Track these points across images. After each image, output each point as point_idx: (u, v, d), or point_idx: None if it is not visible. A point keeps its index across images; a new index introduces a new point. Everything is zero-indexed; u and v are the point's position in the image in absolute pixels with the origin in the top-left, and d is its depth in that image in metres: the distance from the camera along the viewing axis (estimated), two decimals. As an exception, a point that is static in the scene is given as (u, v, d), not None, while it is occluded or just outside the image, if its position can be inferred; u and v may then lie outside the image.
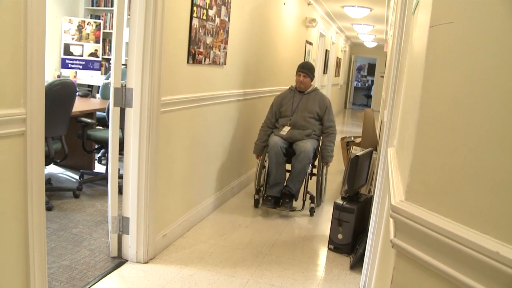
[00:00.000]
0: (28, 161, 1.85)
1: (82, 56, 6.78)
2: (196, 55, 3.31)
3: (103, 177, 4.50)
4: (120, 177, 2.97)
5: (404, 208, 1.04)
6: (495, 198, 0.88)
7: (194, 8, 3.15)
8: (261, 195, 4.32)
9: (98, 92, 5.95)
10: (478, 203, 0.91)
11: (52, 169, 4.91)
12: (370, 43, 15.48)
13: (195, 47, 3.27)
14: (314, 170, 4.43)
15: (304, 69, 4.31)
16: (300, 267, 3.16)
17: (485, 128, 0.90)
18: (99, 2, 7.01)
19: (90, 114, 4.56)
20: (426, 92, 1.02)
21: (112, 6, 6.82)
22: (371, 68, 19.77)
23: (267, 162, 4.24)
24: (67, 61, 6.71)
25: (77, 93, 4.36)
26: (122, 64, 2.87)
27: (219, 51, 3.69)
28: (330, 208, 3.84)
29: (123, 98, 2.81)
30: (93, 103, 5.03)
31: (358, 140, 5.62)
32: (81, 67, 6.78)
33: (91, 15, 7.09)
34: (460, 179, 0.94)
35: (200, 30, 3.30)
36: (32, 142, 1.85)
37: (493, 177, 0.88)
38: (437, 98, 1.00)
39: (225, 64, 3.87)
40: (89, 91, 6.52)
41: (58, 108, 3.56)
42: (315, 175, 4.41)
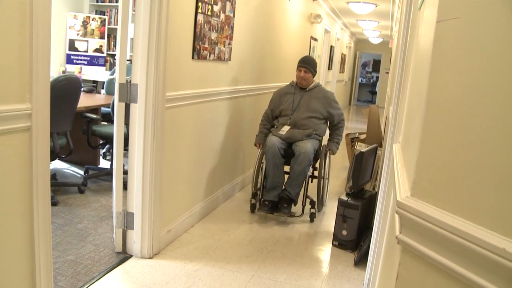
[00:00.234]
0: (34, 156, 1.85)
1: (87, 52, 6.79)
2: (201, 51, 3.31)
3: (108, 172, 4.51)
4: (125, 172, 2.98)
5: (409, 204, 1.03)
6: (502, 194, 0.87)
7: (199, 4, 3.15)
8: (258, 199, 4.04)
9: (103, 88, 5.97)
10: (484, 199, 0.90)
11: (57, 164, 4.93)
12: (375, 39, 15.42)
13: (200, 42, 3.27)
14: (316, 173, 4.17)
15: (305, 64, 4.01)
16: (305, 263, 3.16)
17: (492, 124, 0.89)
18: (104, -3, 7.02)
19: (95, 109, 4.57)
20: (432, 88, 1.02)
21: (117, 2, 6.83)
22: (376, 65, 19.71)
23: (264, 164, 3.99)
24: (72, 56, 6.72)
25: (82, 89, 4.36)
26: (127, 60, 2.87)
27: (224, 47, 3.69)
28: (334, 204, 3.84)
29: (128, 93, 2.81)
30: (98, 99, 5.04)
31: (363, 136, 5.61)
32: (86, 62, 6.79)
33: (96, 10, 7.10)
34: (466, 175, 0.93)
35: (205, 26, 3.30)
36: (37, 137, 1.86)
37: (499, 173, 0.88)
38: (444, 93, 0.99)
39: (229, 60, 3.86)
40: (94, 86, 6.54)
41: (63, 103, 3.58)
42: (316, 177, 4.14)
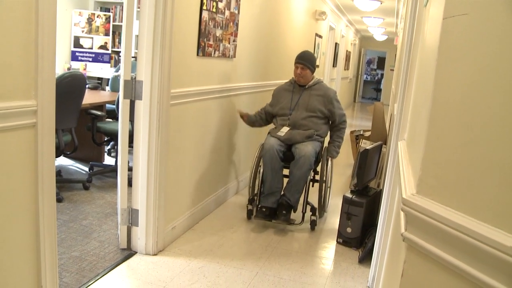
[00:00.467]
0: (39, 153, 1.86)
1: (92, 48, 6.81)
2: (206, 48, 3.30)
3: (113, 169, 4.52)
4: (130, 169, 2.99)
5: (415, 201, 1.03)
6: (508, 192, 0.87)
7: (204, 1, 3.14)
8: (255, 205, 3.74)
9: (107, 85, 5.97)
10: (490, 196, 0.90)
11: (62, 161, 4.95)
12: (380, 36, 15.37)
13: (205, 39, 3.26)
14: (317, 176, 3.86)
15: (302, 60, 3.74)
16: (309, 260, 3.16)
17: (499, 121, 0.88)
18: (109, -6, 7.03)
19: (99, 106, 4.57)
20: (438, 84, 1.01)
21: (121, -1, 6.84)
22: (381, 62, 19.66)
23: (262, 167, 3.70)
24: (77, 53, 6.74)
25: (87, 86, 4.37)
26: (132, 57, 2.87)
27: (229, 43, 3.68)
28: (339, 201, 3.83)
29: (133, 90, 2.82)
30: (103, 96, 5.05)
31: (368, 133, 5.60)
32: (91, 59, 6.81)
33: (100, 7, 7.11)
34: (472, 173, 0.93)
35: (210, 23, 3.30)
36: (43, 133, 1.86)
37: (506, 171, 0.87)
38: (450, 90, 0.99)
39: (234, 57, 3.86)
40: (99, 83, 6.55)
41: (68, 100, 3.58)
42: (317, 181, 3.84)
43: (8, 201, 1.76)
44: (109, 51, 6.93)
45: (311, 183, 3.81)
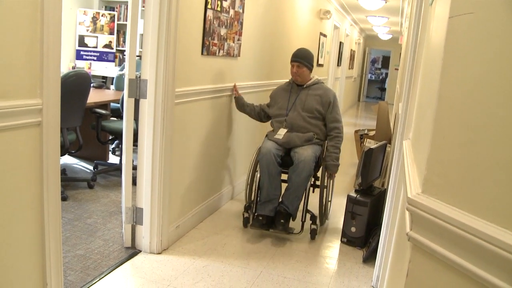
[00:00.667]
0: (44, 151, 1.87)
1: (96, 47, 6.82)
2: (210, 47, 3.30)
3: (117, 168, 4.54)
4: (134, 168, 2.99)
5: (420, 201, 1.02)
6: (515, 192, 0.87)
7: (209, 0, 3.15)
8: (251, 212, 3.52)
9: (112, 84, 5.99)
10: (496, 196, 0.89)
11: (67, 159, 4.96)
12: (384, 36, 15.33)
13: (209, 38, 3.26)
14: (318, 182, 3.65)
15: (298, 58, 3.49)
16: (313, 259, 3.16)
17: (505, 121, 0.88)
18: (114, -7, 7.04)
19: (104, 105, 4.59)
20: (444, 83, 1.01)
21: (126, -2, 6.84)
22: (385, 61, 19.60)
23: (258, 173, 3.47)
24: (81, 52, 6.75)
25: (91, 85, 4.38)
26: (137, 56, 2.88)
27: (233, 42, 3.68)
28: (343, 201, 3.82)
29: (137, 89, 2.82)
30: (108, 94, 5.06)
31: (372, 133, 5.58)
32: (95, 58, 6.82)
33: (105, 6, 7.12)
34: (478, 172, 0.93)
35: (214, 22, 3.30)
36: (48, 132, 1.87)
37: (512, 170, 0.87)
38: (456, 89, 0.98)
39: (239, 55, 3.86)
40: (104, 82, 6.57)
41: (73, 99, 3.59)
42: (318, 186, 3.61)
43: (13, 199, 1.77)
44: (114, 50, 6.94)
45: (311, 189, 3.57)
